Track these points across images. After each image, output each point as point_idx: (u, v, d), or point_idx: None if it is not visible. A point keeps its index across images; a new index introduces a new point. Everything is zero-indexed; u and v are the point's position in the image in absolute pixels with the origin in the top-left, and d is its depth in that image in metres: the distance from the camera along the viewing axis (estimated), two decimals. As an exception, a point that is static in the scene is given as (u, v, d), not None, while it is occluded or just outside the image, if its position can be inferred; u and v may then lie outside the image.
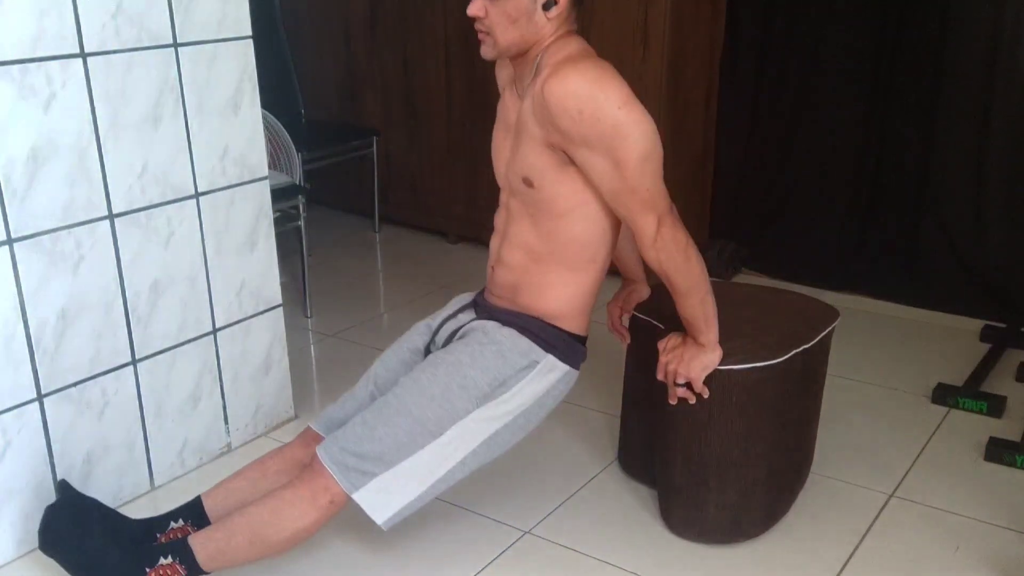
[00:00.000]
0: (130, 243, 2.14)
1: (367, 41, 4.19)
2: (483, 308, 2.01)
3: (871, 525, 2.14)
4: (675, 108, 3.42)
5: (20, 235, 1.93)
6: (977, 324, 3.17)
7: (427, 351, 2.03)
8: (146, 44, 2.09)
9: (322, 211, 4.47)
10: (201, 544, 1.78)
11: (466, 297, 2.10)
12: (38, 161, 1.94)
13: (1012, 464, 2.35)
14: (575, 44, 1.80)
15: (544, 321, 1.91)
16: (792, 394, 2.05)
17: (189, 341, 2.32)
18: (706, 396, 1.93)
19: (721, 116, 3.66)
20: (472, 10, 1.78)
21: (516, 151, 1.85)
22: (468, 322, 1.98)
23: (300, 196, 3.29)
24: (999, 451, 2.37)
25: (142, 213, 2.15)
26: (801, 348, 2.01)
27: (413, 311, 3.45)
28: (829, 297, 3.07)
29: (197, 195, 2.26)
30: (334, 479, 1.79)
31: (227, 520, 1.82)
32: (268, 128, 3.17)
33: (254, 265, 2.44)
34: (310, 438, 2.01)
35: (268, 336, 2.52)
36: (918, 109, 3.28)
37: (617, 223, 1.90)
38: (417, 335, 2.07)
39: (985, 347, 2.99)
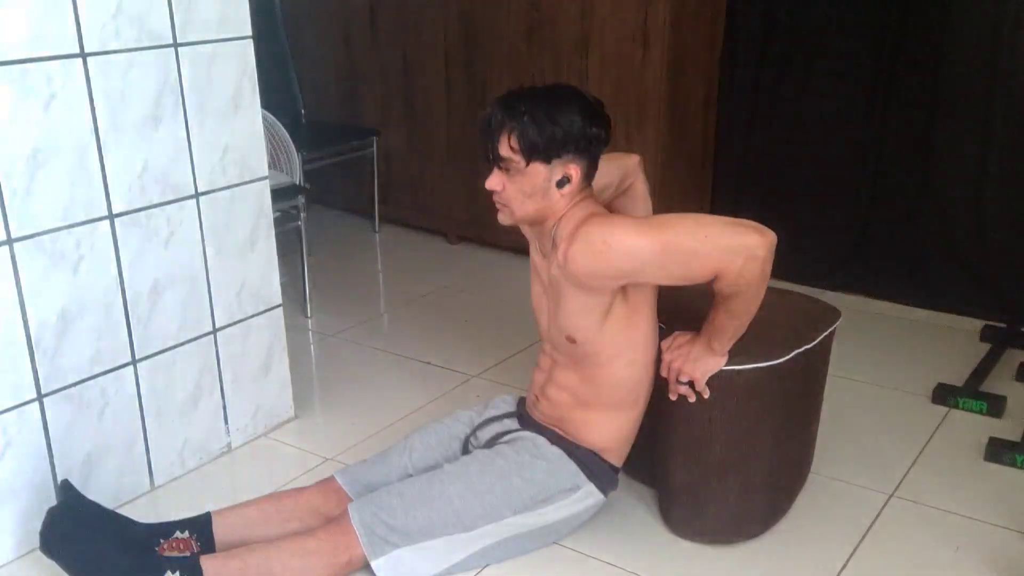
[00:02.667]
0: (130, 243, 2.14)
1: (367, 41, 4.18)
2: (528, 421, 2.09)
3: (871, 525, 2.14)
4: (675, 108, 3.42)
5: (20, 235, 1.93)
6: (977, 324, 3.17)
7: (466, 443, 2.12)
8: (146, 44, 2.09)
9: (322, 211, 4.46)
10: (214, 569, 1.80)
11: (509, 401, 2.19)
12: (38, 161, 1.94)
13: (1012, 464, 2.35)
14: (583, 210, 1.87)
15: (590, 451, 2.00)
16: (793, 394, 2.05)
17: (189, 341, 2.32)
18: (706, 396, 1.93)
19: (721, 116, 3.66)
20: (490, 184, 1.87)
21: (556, 312, 1.93)
22: (516, 430, 2.07)
23: (300, 196, 3.29)
24: (999, 451, 2.37)
25: (142, 213, 2.15)
26: (802, 348, 2.01)
27: (413, 311, 3.45)
28: (829, 297, 3.06)
29: (197, 195, 2.26)
30: (359, 542, 1.86)
31: (244, 553, 1.86)
32: (268, 128, 3.17)
33: (254, 265, 2.44)
34: (331, 489, 2.06)
35: (268, 336, 2.52)
36: (918, 109, 3.28)
37: (654, 362, 1.98)
38: (459, 424, 2.16)
39: (985, 347, 2.99)
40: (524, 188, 1.84)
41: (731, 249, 1.74)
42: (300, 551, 1.86)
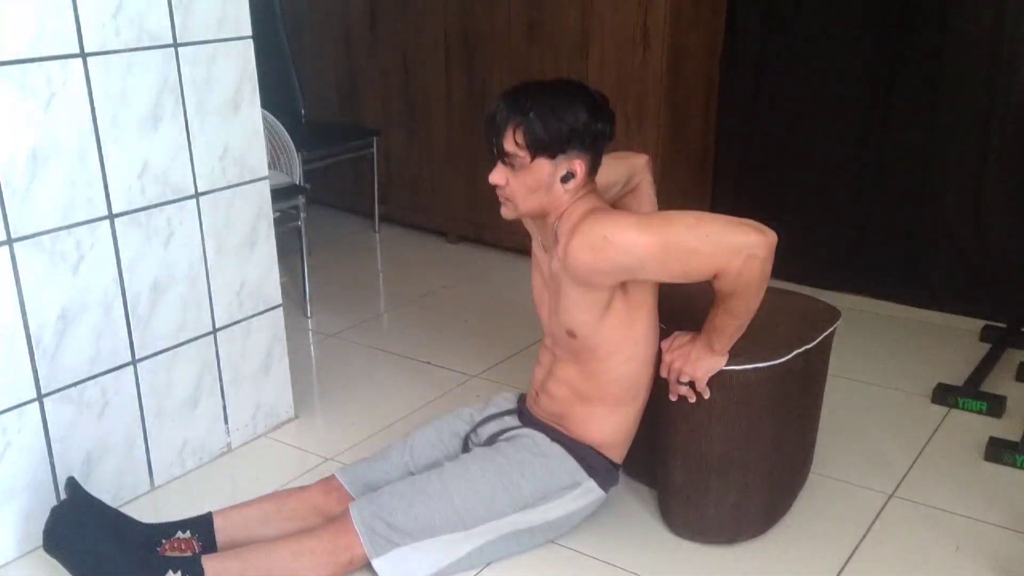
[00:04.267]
0: (130, 243, 2.14)
1: (367, 41, 4.18)
2: (528, 418, 2.09)
3: (871, 525, 2.14)
4: (675, 108, 3.42)
5: (20, 235, 1.93)
6: (977, 324, 3.17)
7: (466, 441, 2.13)
8: (146, 44, 2.09)
9: (322, 211, 4.46)
10: (215, 569, 1.81)
11: (510, 399, 2.19)
12: (38, 161, 1.94)
13: (1012, 464, 2.35)
14: (584, 205, 1.87)
15: (590, 447, 2.00)
16: (793, 394, 2.05)
17: (189, 341, 2.32)
18: (707, 397, 1.93)
19: (721, 116, 3.66)
20: (494, 179, 1.87)
21: (557, 306, 1.94)
22: (515, 427, 2.07)
23: (300, 196, 3.29)
24: (999, 451, 2.37)
25: (142, 213, 2.15)
26: (802, 348, 2.01)
27: (413, 311, 3.45)
28: (829, 297, 3.06)
29: (197, 195, 2.26)
30: (360, 541, 1.86)
31: (245, 552, 1.86)
32: (268, 128, 3.17)
33: (254, 265, 2.44)
34: (332, 487, 2.07)
35: (268, 336, 2.52)
36: (918, 108, 3.28)
37: (655, 359, 1.99)
38: (459, 421, 2.17)
39: (985, 347, 2.99)
40: (528, 183, 1.84)
41: (731, 248, 1.74)
42: (301, 550, 1.86)
